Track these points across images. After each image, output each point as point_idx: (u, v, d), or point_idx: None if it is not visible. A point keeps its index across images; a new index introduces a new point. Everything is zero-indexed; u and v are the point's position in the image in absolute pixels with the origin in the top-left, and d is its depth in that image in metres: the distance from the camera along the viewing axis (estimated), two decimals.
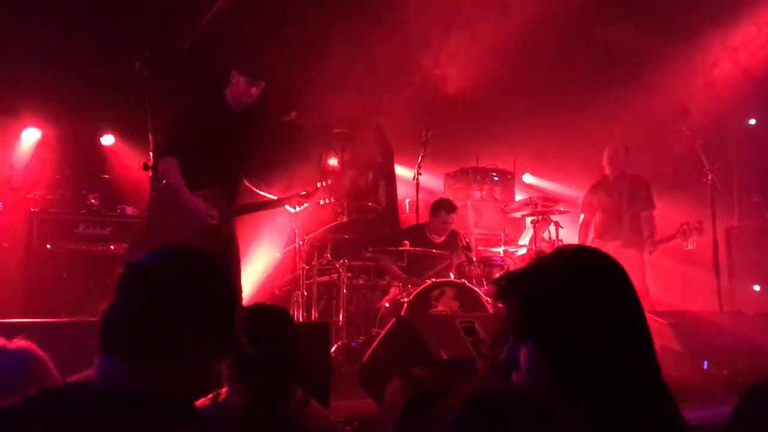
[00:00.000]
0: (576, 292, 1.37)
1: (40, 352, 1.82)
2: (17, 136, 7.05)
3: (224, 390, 2.43)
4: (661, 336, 4.81)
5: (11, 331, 2.27)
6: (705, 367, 5.05)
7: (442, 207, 6.82)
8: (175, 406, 1.40)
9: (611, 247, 6.70)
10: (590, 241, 6.99)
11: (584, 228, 7.15)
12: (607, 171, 7.05)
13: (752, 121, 8.59)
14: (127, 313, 1.47)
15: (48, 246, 6.12)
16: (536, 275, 1.42)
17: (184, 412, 1.44)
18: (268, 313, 2.59)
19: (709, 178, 6.31)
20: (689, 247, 6.62)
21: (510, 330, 1.40)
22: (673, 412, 1.37)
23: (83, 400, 1.36)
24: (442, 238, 6.79)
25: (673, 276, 7.37)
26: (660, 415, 1.35)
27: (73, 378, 1.47)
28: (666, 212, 7.01)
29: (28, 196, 6.53)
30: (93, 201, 6.50)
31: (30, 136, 7.11)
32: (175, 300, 1.46)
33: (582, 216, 7.21)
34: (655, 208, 6.85)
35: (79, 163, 7.12)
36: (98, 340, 1.45)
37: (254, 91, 4.88)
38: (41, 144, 7.12)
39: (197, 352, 1.48)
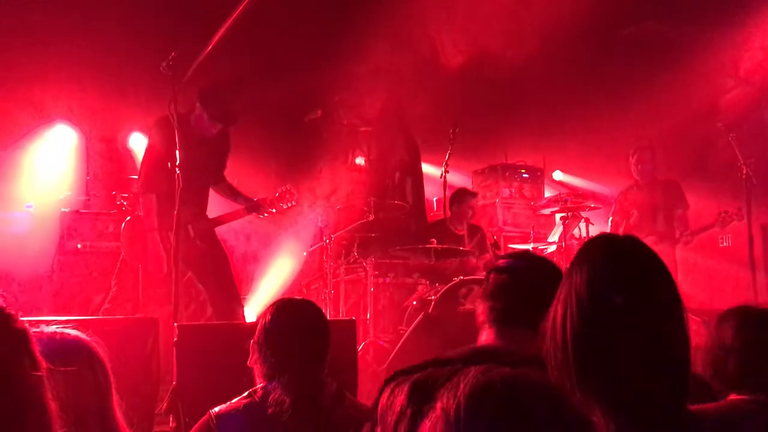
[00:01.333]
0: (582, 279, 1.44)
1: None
2: (47, 137, 7.16)
3: (259, 387, 2.42)
4: (695, 334, 4.71)
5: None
6: None
7: (463, 195, 6.83)
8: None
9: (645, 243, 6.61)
10: None
11: (614, 229, 7.04)
12: (636, 178, 6.96)
13: None
14: (502, 297, 2.07)
15: (78, 246, 6.19)
16: None
17: None
18: (301, 308, 2.57)
19: (744, 172, 6.17)
20: (724, 244, 6.48)
21: None
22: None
23: (504, 361, 1.80)
24: (464, 230, 6.75)
25: (708, 273, 7.23)
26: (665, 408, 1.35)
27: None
28: (701, 207, 6.89)
29: (60, 197, 6.63)
30: (123, 201, 6.56)
31: (60, 137, 7.21)
32: (539, 286, 1.96)
33: (611, 219, 7.11)
34: (689, 207, 6.76)
35: (109, 163, 7.21)
36: (490, 316, 2.09)
37: (214, 129, 4.93)
38: (71, 144, 7.22)
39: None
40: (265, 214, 5.25)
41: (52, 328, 1.66)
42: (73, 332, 1.72)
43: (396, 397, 1.11)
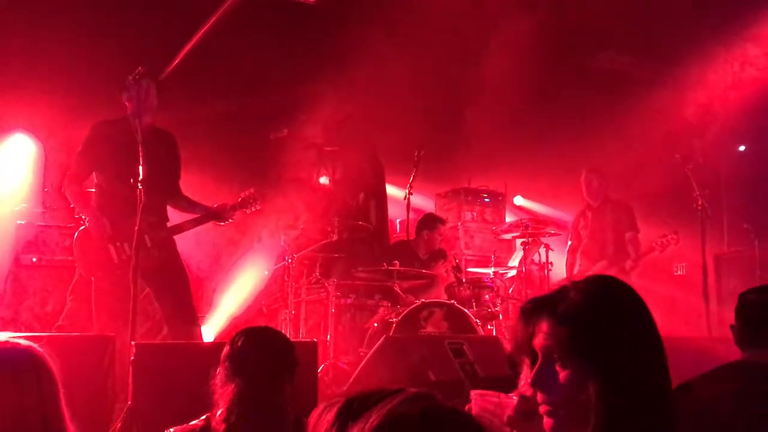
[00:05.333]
0: (620, 317, 1.51)
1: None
2: (4, 146, 6.99)
3: (216, 412, 2.40)
4: None
5: None
6: None
7: (435, 221, 6.85)
8: None
9: (597, 268, 6.75)
10: (577, 265, 7.03)
11: (571, 253, 7.21)
12: (588, 200, 7.11)
13: (742, 148, 8.66)
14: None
15: (34, 259, 6.04)
16: (582, 301, 1.49)
17: None
18: (268, 337, 2.57)
19: (699, 203, 6.33)
20: (678, 272, 6.61)
21: (549, 351, 1.45)
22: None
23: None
24: (427, 254, 6.78)
25: (662, 301, 7.36)
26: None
27: None
28: (656, 237, 7.02)
29: (16, 209, 6.46)
30: (81, 215, 6.42)
31: (18, 147, 7.05)
32: None
33: (569, 243, 7.26)
34: (638, 231, 6.91)
35: None
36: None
37: (148, 94, 4.80)
38: (29, 155, 7.06)
39: None
40: (230, 220, 5.16)
41: (4, 337, 1.69)
42: (24, 342, 1.75)
43: (326, 414, 1.09)
